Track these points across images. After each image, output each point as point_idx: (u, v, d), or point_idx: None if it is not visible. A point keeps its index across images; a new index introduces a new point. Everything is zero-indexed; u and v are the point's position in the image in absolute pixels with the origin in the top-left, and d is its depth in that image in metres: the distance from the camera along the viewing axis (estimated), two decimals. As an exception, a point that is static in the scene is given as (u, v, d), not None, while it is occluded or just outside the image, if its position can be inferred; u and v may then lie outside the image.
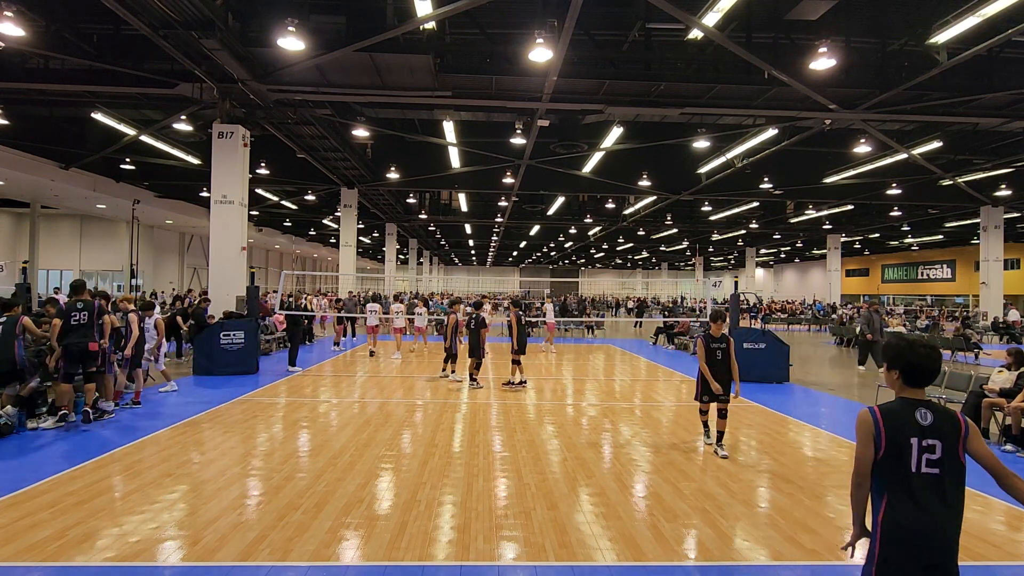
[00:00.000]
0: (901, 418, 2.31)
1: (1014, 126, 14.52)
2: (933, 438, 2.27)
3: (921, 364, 2.34)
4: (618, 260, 64.82)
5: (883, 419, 2.32)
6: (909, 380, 2.37)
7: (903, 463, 2.27)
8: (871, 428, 2.34)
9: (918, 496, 2.25)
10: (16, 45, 10.89)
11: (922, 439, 2.27)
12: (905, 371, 2.37)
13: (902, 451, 2.28)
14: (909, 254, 47.38)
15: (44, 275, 30.78)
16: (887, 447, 2.29)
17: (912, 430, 2.28)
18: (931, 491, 2.25)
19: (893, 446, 2.28)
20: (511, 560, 3.86)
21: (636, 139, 18.25)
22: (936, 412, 2.31)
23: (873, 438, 2.33)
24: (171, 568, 3.68)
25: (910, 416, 2.31)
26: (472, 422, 7.82)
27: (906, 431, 2.29)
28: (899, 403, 2.36)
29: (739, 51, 10.51)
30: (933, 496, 2.25)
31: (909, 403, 2.34)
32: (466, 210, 30.08)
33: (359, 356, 15.23)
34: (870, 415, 2.36)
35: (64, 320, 7.08)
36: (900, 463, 2.28)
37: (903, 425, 2.30)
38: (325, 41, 10.65)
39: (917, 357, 2.34)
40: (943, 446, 2.27)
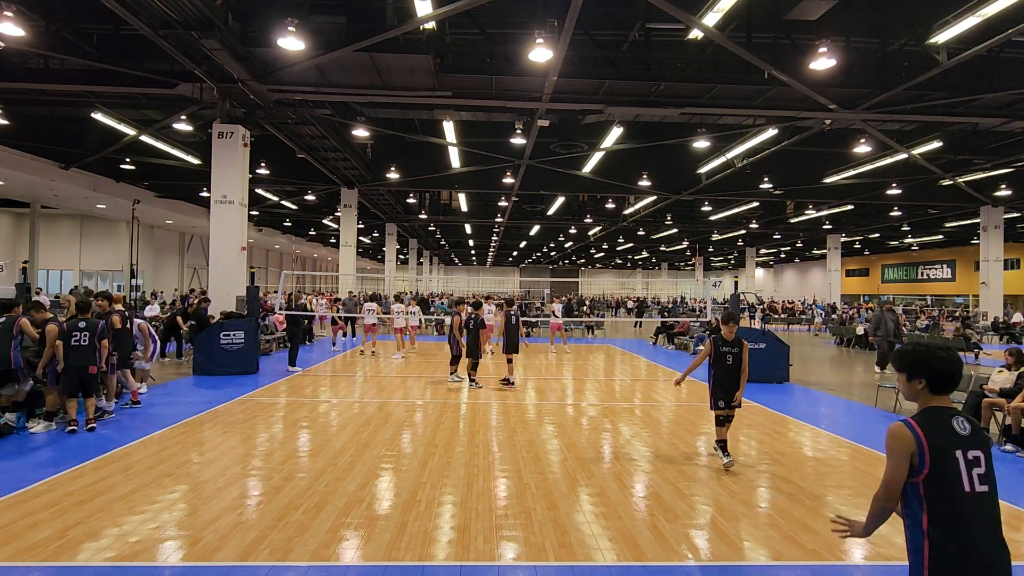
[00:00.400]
0: (942, 430, 2.06)
1: (1014, 126, 14.52)
2: (976, 449, 2.03)
3: (949, 370, 2.13)
4: (618, 260, 64.82)
5: (925, 433, 2.03)
6: (936, 388, 2.14)
7: (953, 482, 1.99)
8: (911, 444, 2.04)
9: (969, 522, 1.96)
10: (16, 45, 10.90)
11: (967, 451, 2.02)
12: (932, 379, 2.14)
13: (948, 468, 2.00)
14: (909, 254, 47.38)
15: (44, 275, 30.79)
16: (932, 464, 2.00)
17: (955, 442, 2.03)
18: (984, 515, 1.97)
19: (939, 463, 2.00)
20: (511, 560, 3.86)
21: (636, 139, 18.25)
22: (970, 421, 2.10)
23: (913, 455, 2.03)
24: (171, 568, 3.68)
25: (949, 427, 2.07)
26: (472, 422, 7.82)
27: (950, 444, 2.03)
28: (933, 413, 2.12)
29: (739, 51, 10.51)
30: (986, 521, 1.96)
31: (944, 412, 2.10)
32: (466, 210, 30.08)
33: (359, 356, 15.23)
34: (908, 430, 2.06)
35: (65, 341, 6.94)
36: (948, 482, 1.99)
37: (945, 438, 2.04)
38: (325, 41, 10.66)
39: (941, 362, 2.13)
40: (985, 458, 2.04)
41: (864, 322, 21.62)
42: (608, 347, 19.21)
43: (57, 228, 31.30)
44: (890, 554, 4.10)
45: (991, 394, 7.41)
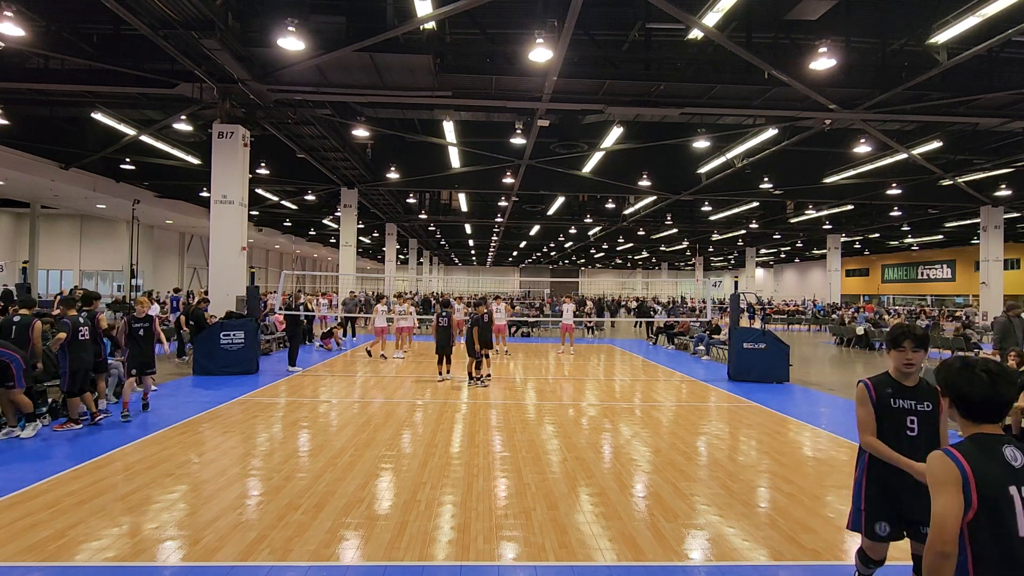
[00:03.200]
0: (991, 459, 1.72)
1: (1014, 126, 14.53)
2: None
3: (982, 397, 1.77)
4: (618, 260, 64.86)
5: (971, 465, 1.70)
6: (974, 415, 1.81)
7: (1004, 525, 1.66)
8: (957, 477, 1.69)
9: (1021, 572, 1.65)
10: (16, 45, 10.90)
11: (1021, 487, 1.68)
12: (963, 405, 1.83)
13: (1001, 506, 1.67)
14: (909, 254, 47.40)
15: (44, 275, 30.79)
16: (981, 502, 1.67)
17: (1010, 476, 1.69)
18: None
19: (989, 500, 1.67)
20: (511, 560, 3.86)
21: (636, 139, 18.26)
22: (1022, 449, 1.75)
23: (961, 490, 1.69)
24: (171, 568, 3.68)
25: (998, 455, 1.73)
26: (472, 422, 7.82)
27: (1003, 478, 1.69)
28: (980, 442, 1.77)
29: (739, 51, 10.51)
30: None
31: (992, 440, 1.76)
32: (466, 210, 30.09)
33: (359, 356, 15.23)
34: (952, 460, 1.72)
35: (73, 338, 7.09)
36: (999, 525, 1.67)
37: (997, 469, 1.70)
38: (325, 41, 10.66)
39: (976, 388, 1.78)
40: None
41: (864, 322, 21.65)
42: (608, 347, 19.21)
43: (57, 228, 31.32)
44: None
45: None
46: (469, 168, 20.48)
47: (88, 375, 7.29)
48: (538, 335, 23.55)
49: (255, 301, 12.41)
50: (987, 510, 1.67)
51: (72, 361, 7.01)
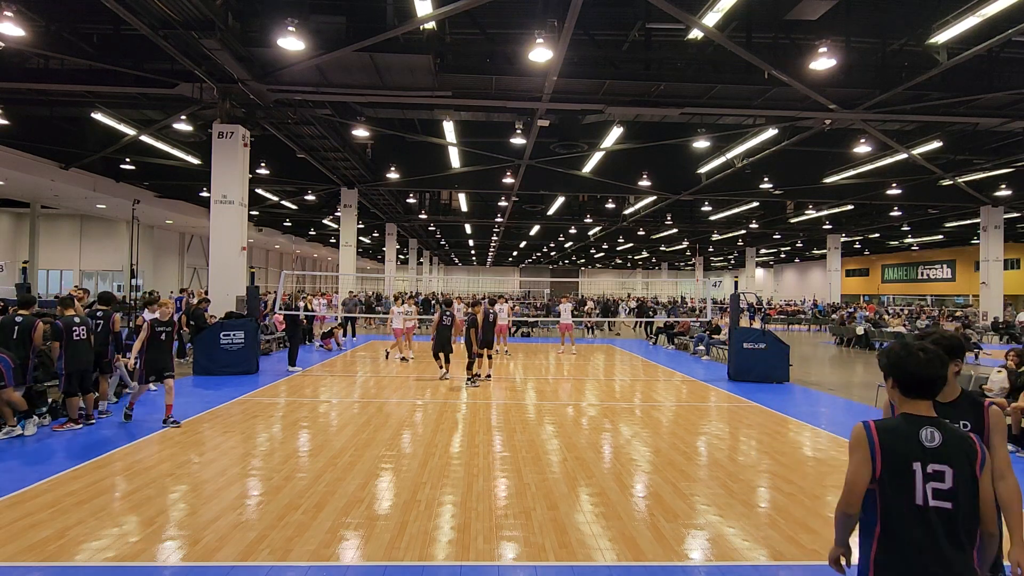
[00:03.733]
0: (903, 437, 1.96)
1: (1014, 126, 14.53)
2: (941, 463, 1.91)
3: (922, 373, 1.97)
4: (618, 260, 64.84)
5: (880, 436, 1.96)
6: (908, 391, 2.01)
7: (904, 493, 1.91)
8: (865, 445, 1.97)
9: (920, 537, 1.88)
10: (16, 45, 10.90)
11: (926, 464, 1.91)
12: (902, 381, 2.02)
13: (902, 478, 1.92)
14: (909, 254, 47.40)
15: (44, 275, 30.80)
16: (884, 471, 1.94)
17: (915, 452, 1.93)
18: (939, 530, 1.88)
19: (890, 471, 1.93)
20: (511, 560, 3.86)
21: (636, 139, 18.26)
22: (946, 432, 1.95)
23: (868, 459, 1.95)
24: (171, 568, 3.68)
25: (913, 435, 1.95)
26: (472, 422, 7.82)
27: (908, 453, 1.93)
28: (902, 420, 2.01)
29: (739, 51, 10.51)
30: (941, 536, 1.87)
31: (913, 420, 1.99)
32: (466, 210, 30.09)
33: (359, 356, 15.23)
34: (863, 429, 1.99)
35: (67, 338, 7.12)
36: (900, 493, 1.92)
37: (905, 445, 1.94)
38: (325, 41, 10.66)
39: (915, 364, 1.98)
40: (954, 474, 1.91)
41: (864, 322, 21.66)
42: (608, 347, 19.21)
43: (57, 228, 31.31)
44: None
45: (990, 394, 7.42)
46: (469, 168, 20.48)
47: (88, 375, 7.28)
48: (538, 335, 23.56)
49: (255, 301, 12.41)
50: (890, 479, 1.91)
51: (67, 362, 6.96)
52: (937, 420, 1.99)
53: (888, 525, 1.93)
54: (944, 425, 1.98)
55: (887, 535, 1.94)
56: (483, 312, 10.92)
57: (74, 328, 7.04)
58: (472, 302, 11.52)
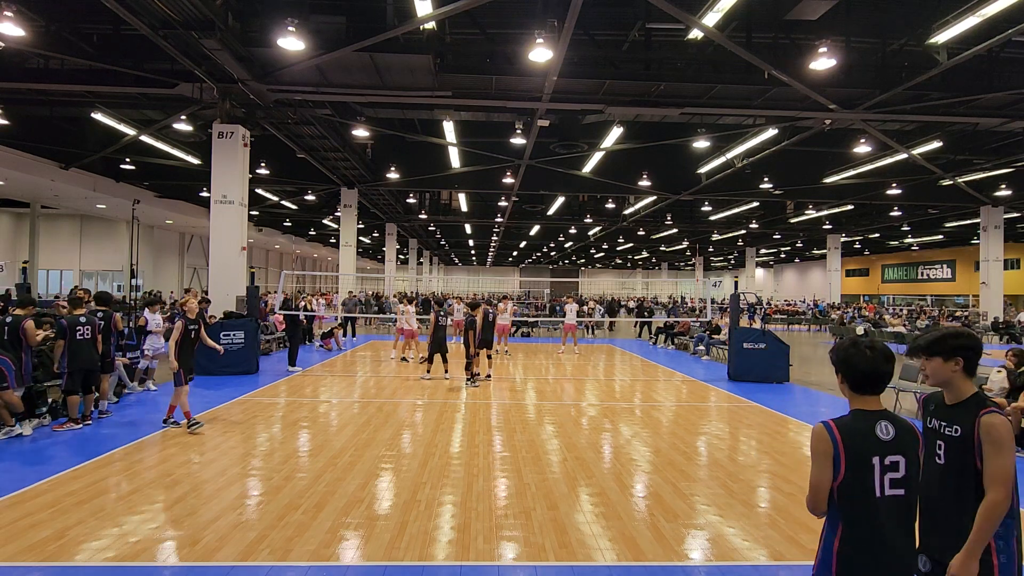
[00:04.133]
0: (862, 434, 2.01)
1: (1014, 126, 14.53)
2: (896, 454, 2.01)
3: (869, 370, 2.04)
4: (618, 260, 64.84)
5: (842, 436, 2.01)
6: (856, 387, 2.08)
7: (865, 487, 1.99)
8: (828, 446, 2.01)
9: (880, 524, 1.98)
10: (16, 45, 10.90)
11: (884, 457, 2.00)
12: (851, 378, 2.08)
13: (864, 473, 1.99)
14: (909, 254, 47.39)
15: (44, 275, 30.79)
16: (847, 468, 1.99)
17: (874, 447, 2.00)
18: (894, 516, 2.00)
19: (854, 468, 1.99)
20: (511, 560, 3.86)
21: (636, 139, 18.26)
22: (897, 424, 2.05)
23: (832, 459, 2.01)
24: (171, 568, 3.68)
25: (870, 431, 2.02)
26: (472, 422, 7.82)
27: (868, 449, 2.00)
28: (857, 417, 2.06)
29: (739, 51, 10.51)
30: (896, 522, 2.00)
31: (867, 416, 2.05)
32: (466, 210, 30.09)
33: (359, 356, 15.23)
34: (827, 431, 2.03)
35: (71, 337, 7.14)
36: (862, 487, 1.99)
37: (864, 442, 2.01)
38: (325, 41, 10.66)
39: (861, 361, 2.04)
40: (906, 462, 2.02)
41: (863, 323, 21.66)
42: (608, 347, 19.21)
43: (57, 228, 31.31)
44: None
45: (990, 394, 7.42)
46: (469, 168, 20.48)
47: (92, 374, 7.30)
48: (538, 335, 23.56)
49: (255, 301, 12.40)
50: (853, 476, 1.98)
51: (70, 361, 7.02)
52: (888, 413, 2.06)
53: (850, 518, 2.00)
54: (895, 417, 2.06)
55: (849, 527, 2.00)
56: (482, 312, 10.94)
57: (78, 327, 7.08)
58: (472, 303, 11.49)
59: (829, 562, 2.02)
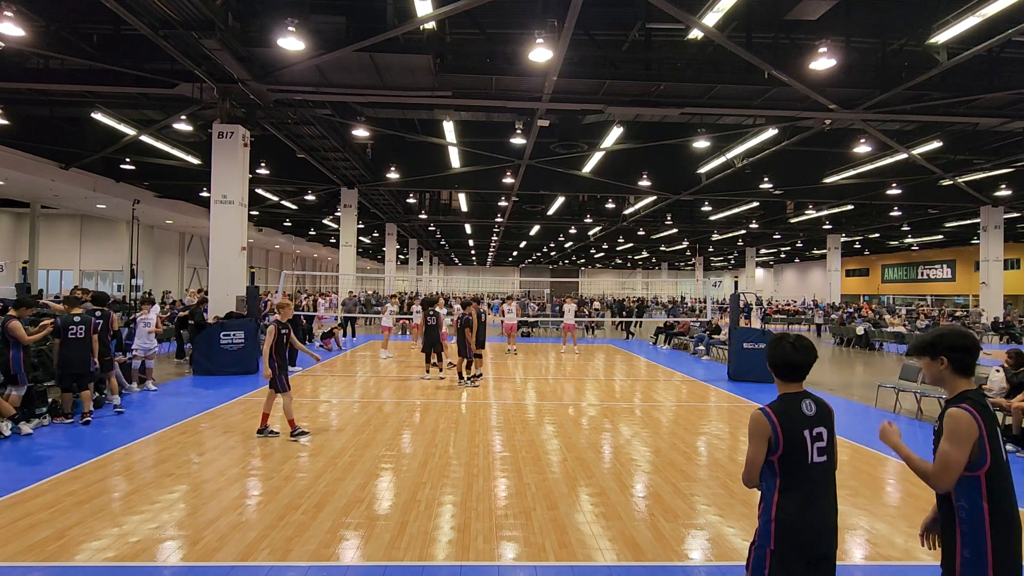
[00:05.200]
0: (792, 413, 2.35)
1: (1014, 126, 14.52)
2: (819, 426, 2.36)
3: (790, 360, 2.38)
4: (618, 260, 64.82)
5: (778, 418, 2.33)
6: (782, 376, 2.41)
7: (800, 457, 2.32)
8: (767, 429, 2.33)
9: (810, 488, 2.32)
10: (16, 45, 10.90)
11: (812, 429, 2.35)
12: (777, 368, 2.42)
13: (798, 445, 2.31)
14: (909, 254, 47.38)
15: (44, 275, 30.78)
16: (786, 443, 2.31)
17: (803, 422, 2.35)
18: (821, 480, 2.34)
19: (790, 443, 2.31)
20: (511, 560, 3.86)
21: (636, 139, 18.25)
22: (817, 402, 2.41)
23: (769, 438, 2.33)
24: (171, 568, 3.68)
25: (798, 410, 2.37)
26: (472, 422, 7.82)
27: (799, 424, 2.34)
28: (785, 400, 2.40)
29: (739, 51, 10.51)
30: (822, 485, 2.34)
31: (794, 398, 2.40)
32: (466, 210, 30.08)
33: (359, 356, 15.22)
34: (764, 416, 2.35)
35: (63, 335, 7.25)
36: (797, 457, 2.32)
37: (795, 420, 2.34)
38: (325, 41, 10.65)
39: (784, 353, 2.39)
40: (827, 433, 2.37)
41: (863, 323, 21.65)
42: (608, 347, 19.21)
43: (57, 228, 31.29)
44: (889, 554, 4.10)
45: (989, 393, 7.42)
46: (469, 168, 20.47)
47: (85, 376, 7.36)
48: (538, 335, 23.56)
49: (255, 301, 12.40)
50: (789, 449, 2.31)
51: (60, 359, 7.19)
52: (809, 393, 2.42)
53: (786, 485, 2.32)
54: (815, 397, 2.43)
55: (785, 494, 2.32)
56: (476, 312, 10.92)
57: (71, 327, 7.18)
58: (464, 302, 11.46)
59: (768, 528, 2.34)
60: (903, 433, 2.47)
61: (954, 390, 2.30)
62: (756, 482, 2.43)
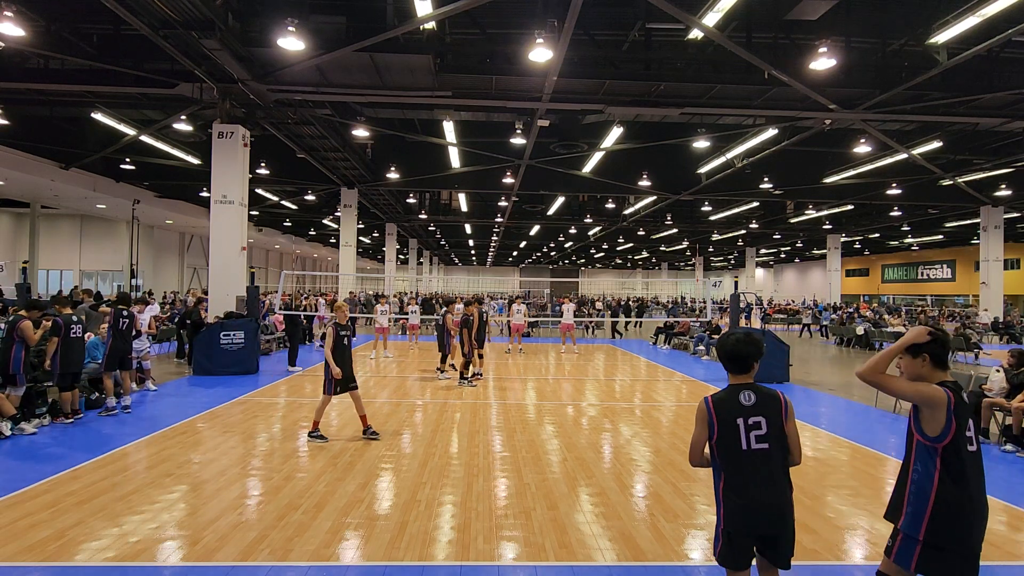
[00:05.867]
0: (728, 402, 2.59)
1: (1014, 126, 14.51)
2: (757, 416, 2.54)
3: (732, 352, 2.63)
4: (618, 260, 64.81)
5: (714, 406, 2.59)
6: (729, 368, 2.67)
7: (732, 442, 2.55)
8: (705, 414, 2.60)
9: (748, 471, 2.52)
10: (16, 45, 10.90)
11: (747, 418, 2.54)
12: (724, 360, 2.68)
13: (731, 431, 2.55)
14: (909, 254, 47.37)
15: (44, 275, 30.78)
16: (719, 429, 2.56)
17: (738, 411, 2.56)
18: (759, 465, 2.52)
19: (724, 427, 2.55)
20: (511, 560, 3.86)
21: (636, 139, 18.25)
22: (759, 393, 2.60)
23: (707, 423, 2.58)
24: (171, 568, 3.68)
25: (735, 399, 2.59)
26: (472, 422, 7.82)
27: (733, 412, 2.56)
28: (727, 390, 2.64)
29: (739, 51, 10.51)
30: (760, 470, 2.52)
31: (735, 388, 2.63)
32: (466, 210, 30.08)
33: (359, 356, 15.22)
34: (704, 404, 2.61)
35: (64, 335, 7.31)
36: (731, 442, 2.55)
37: (730, 408, 2.57)
38: (325, 41, 10.65)
39: (728, 347, 2.65)
40: (768, 422, 2.54)
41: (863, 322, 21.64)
42: (608, 347, 19.21)
43: (57, 228, 31.29)
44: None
45: (988, 394, 7.42)
46: (469, 168, 20.47)
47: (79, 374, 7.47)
48: (538, 335, 23.55)
49: (255, 301, 12.40)
50: (723, 434, 2.56)
51: (62, 358, 7.23)
52: (752, 384, 2.63)
53: (727, 467, 2.57)
54: (758, 387, 2.62)
55: (728, 474, 2.56)
56: (477, 311, 10.93)
57: (71, 326, 7.29)
58: (466, 301, 11.44)
59: (719, 503, 2.59)
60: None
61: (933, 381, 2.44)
62: (697, 460, 2.68)
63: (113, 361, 7.80)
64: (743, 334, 2.69)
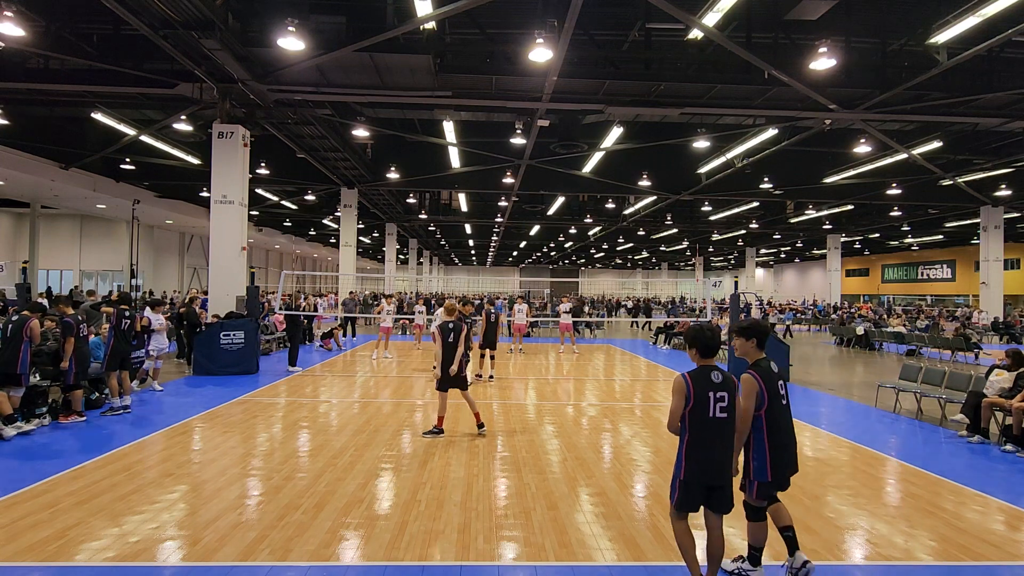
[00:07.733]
0: (702, 379, 3.25)
1: (1014, 126, 14.52)
2: (722, 391, 3.24)
3: (706, 342, 3.30)
4: (618, 260, 64.82)
5: (692, 381, 3.24)
6: (702, 354, 3.30)
7: (703, 411, 3.21)
8: (683, 387, 3.23)
9: (710, 435, 3.23)
10: (16, 45, 10.89)
11: (715, 392, 3.23)
12: (698, 348, 3.31)
13: (704, 401, 3.21)
14: (909, 254, 47.37)
15: (44, 275, 30.77)
16: (695, 400, 3.21)
17: (709, 386, 3.23)
18: (719, 430, 3.24)
19: (698, 399, 3.21)
20: (511, 560, 3.86)
21: (636, 139, 18.25)
22: (723, 374, 3.30)
23: (685, 394, 3.22)
24: (171, 568, 3.68)
25: (708, 377, 3.25)
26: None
27: (706, 388, 3.23)
28: (700, 369, 3.29)
29: (739, 51, 10.51)
30: (719, 434, 3.25)
31: (705, 368, 3.29)
32: (466, 210, 30.09)
33: (359, 356, 15.23)
34: (683, 379, 3.24)
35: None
36: (702, 411, 3.21)
37: (704, 384, 3.23)
38: (325, 41, 10.66)
39: (703, 338, 3.30)
40: (728, 396, 3.25)
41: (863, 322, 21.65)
42: (608, 347, 19.21)
43: (57, 228, 31.29)
44: (890, 554, 4.10)
45: (988, 392, 7.41)
46: (469, 168, 20.48)
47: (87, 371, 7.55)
48: (538, 335, 23.55)
49: (255, 301, 12.40)
50: (696, 405, 3.22)
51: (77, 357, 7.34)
52: (717, 366, 3.32)
53: (694, 430, 3.23)
54: (723, 371, 3.32)
55: (693, 436, 3.24)
56: (484, 313, 10.96)
57: (80, 326, 7.45)
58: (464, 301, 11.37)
59: (681, 459, 3.27)
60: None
61: (753, 359, 3.50)
62: (677, 427, 3.27)
63: (115, 361, 7.84)
64: (710, 328, 3.36)
